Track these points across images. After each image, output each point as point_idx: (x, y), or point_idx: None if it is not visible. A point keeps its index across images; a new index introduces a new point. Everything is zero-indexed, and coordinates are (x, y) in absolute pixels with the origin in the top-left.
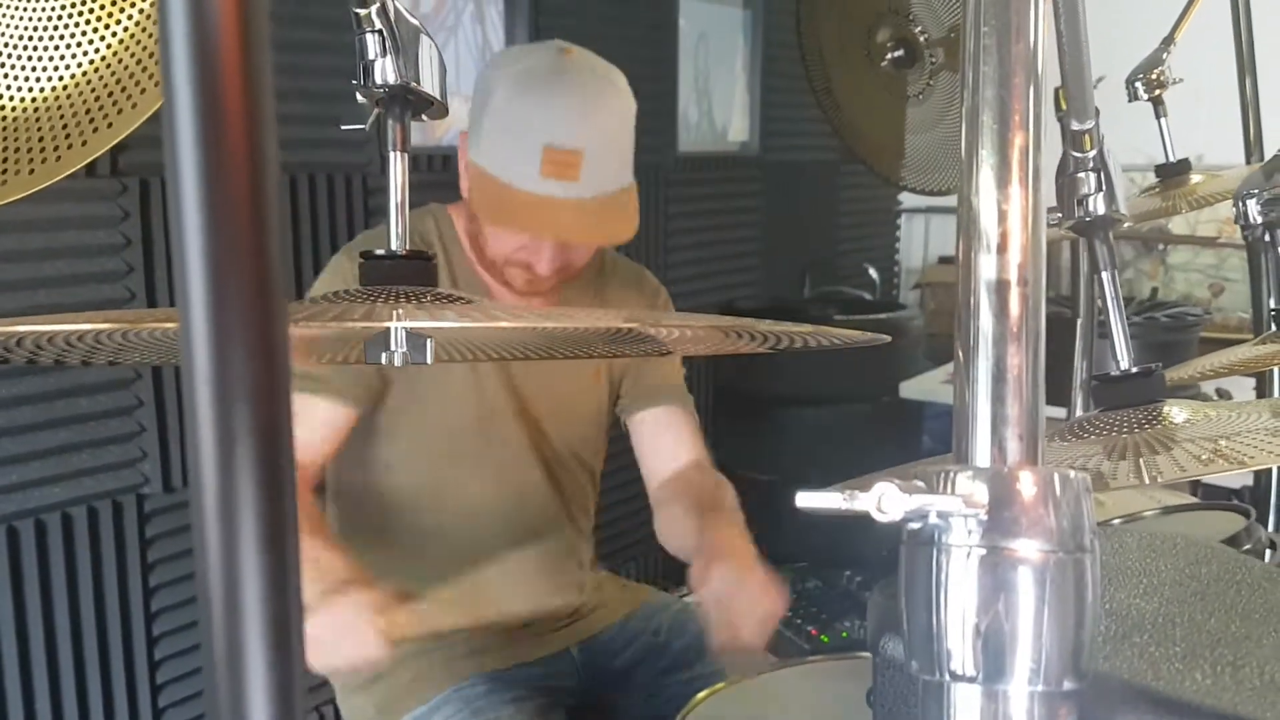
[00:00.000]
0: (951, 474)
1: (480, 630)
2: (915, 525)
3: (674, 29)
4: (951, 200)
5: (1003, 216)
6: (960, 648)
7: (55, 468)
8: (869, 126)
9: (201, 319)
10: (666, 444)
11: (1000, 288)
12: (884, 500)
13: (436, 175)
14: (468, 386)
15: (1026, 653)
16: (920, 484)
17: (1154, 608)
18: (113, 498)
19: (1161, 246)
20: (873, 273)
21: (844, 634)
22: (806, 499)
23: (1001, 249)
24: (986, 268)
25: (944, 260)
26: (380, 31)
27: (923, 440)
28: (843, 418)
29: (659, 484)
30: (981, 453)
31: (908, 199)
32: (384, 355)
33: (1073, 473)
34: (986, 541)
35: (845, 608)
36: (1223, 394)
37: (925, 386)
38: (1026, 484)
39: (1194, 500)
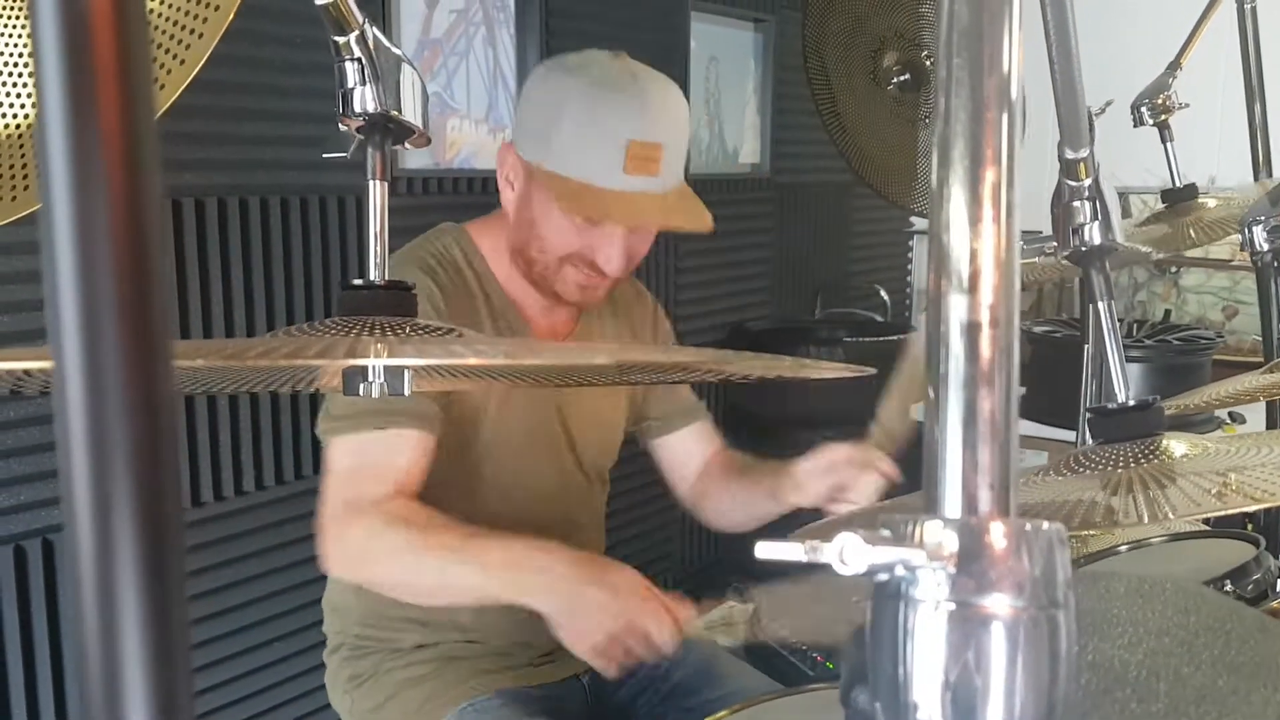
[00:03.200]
0: (919, 524)
1: (494, 652)
2: (882, 577)
3: (685, 51)
4: None
5: (974, 255)
6: (928, 706)
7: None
8: (876, 150)
9: (76, 372)
10: (694, 456)
11: (971, 329)
12: (846, 552)
13: (447, 197)
14: (525, 403)
15: (998, 713)
16: (886, 534)
17: (1138, 659)
18: None
19: (1174, 269)
20: (884, 294)
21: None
22: (766, 549)
23: (973, 289)
24: (957, 308)
25: None
26: (359, 59)
27: None
28: (853, 440)
29: (692, 480)
30: (951, 502)
31: (919, 220)
32: (362, 386)
33: (1046, 524)
34: (955, 596)
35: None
36: (1236, 418)
37: None
38: (997, 536)
39: (1203, 528)
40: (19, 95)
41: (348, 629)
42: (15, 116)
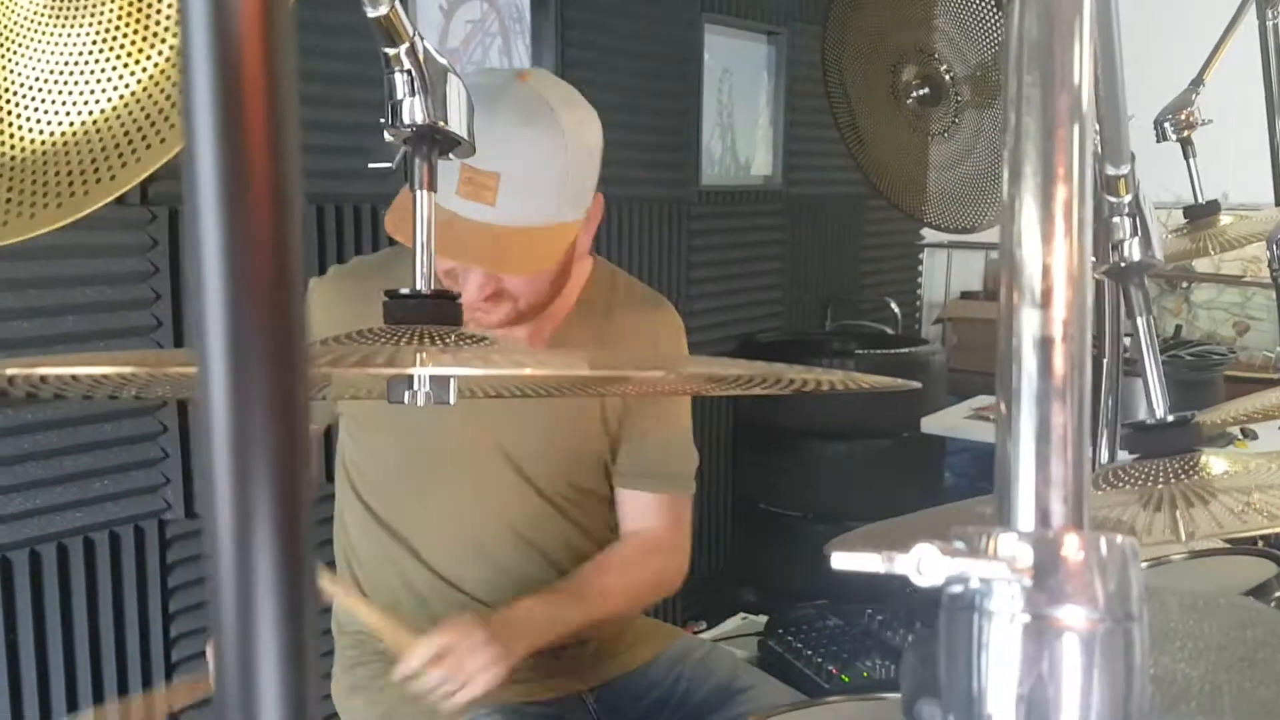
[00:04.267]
0: (994, 536)
1: None
2: (956, 589)
3: (699, 63)
4: (975, 236)
5: (1046, 271)
6: (1002, 716)
7: (78, 492)
8: (894, 164)
9: (221, 387)
10: (629, 522)
11: (1044, 344)
12: (924, 563)
13: None
14: (457, 418)
15: None
16: (961, 546)
17: (1200, 674)
18: (135, 523)
19: (1185, 284)
20: (894, 307)
21: (865, 673)
22: (842, 560)
23: (1045, 304)
24: (1030, 323)
25: (966, 295)
26: (409, 71)
27: (944, 475)
28: (865, 452)
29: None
30: (1025, 515)
31: (930, 233)
32: (407, 395)
33: (1120, 537)
34: (1030, 608)
35: (866, 646)
36: (1248, 433)
37: (947, 422)
38: (1072, 549)
39: (1222, 545)
40: (65, 104)
41: (344, 635)
42: (58, 125)
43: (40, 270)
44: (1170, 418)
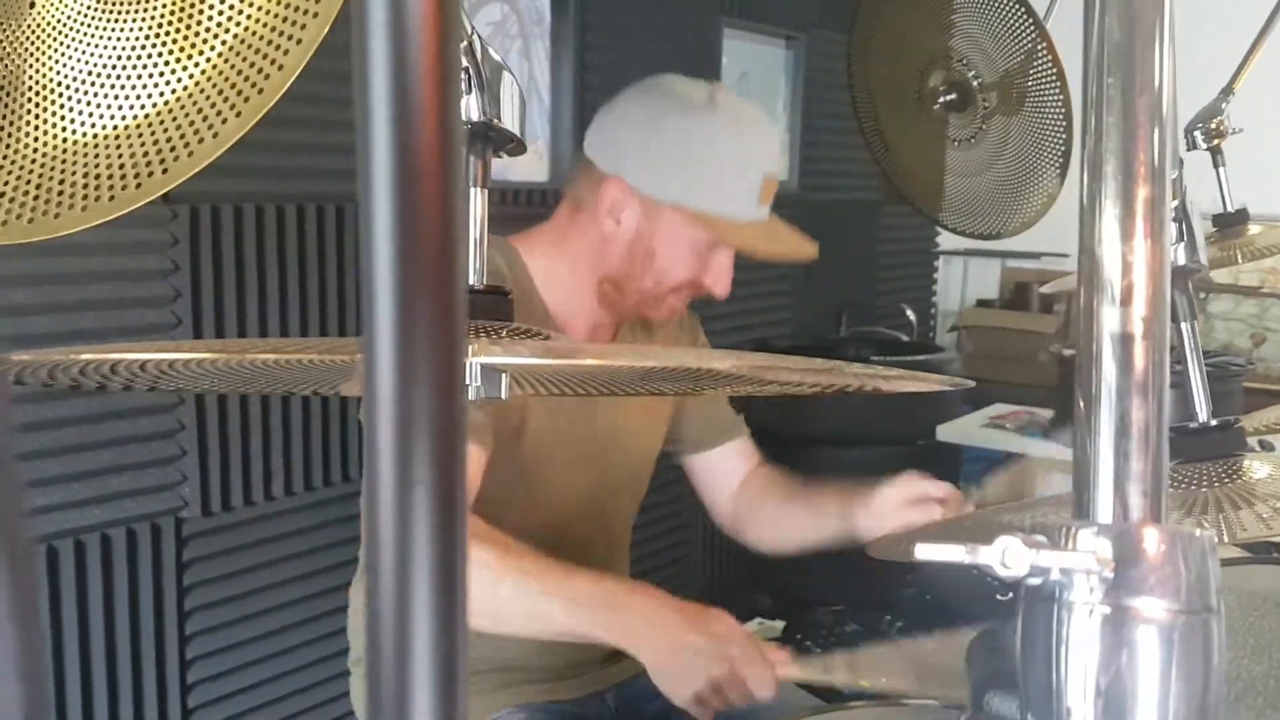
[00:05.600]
0: (1074, 530)
1: (518, 666)
2: (1035, 581)
3: (717, 67)
4: (992, 244)
5: (1127, 269)
6: (1081, 707)
7: (95, 489)
8: (919, 169)
9: (387, 364)
10: (732, 473)
11: (1124, 341)
12: (1008, 555)
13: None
14: (583, 416)
15: (1151, 715)
16: (1042, 539)
17: (1264, 670)
18: (151, 520)
19: (1202, 295)
20: (910, 314)
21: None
22: (927, 550)
23: (1125, 301)
24: (1110, 320)
25: (982, 303)
26: (466, 69)
27: (959, 484)
28: (879, 460)
29: (730, 498)
30: (1104, 508)
31: (946, 240)
32: None
33: (1198, 531)
34: (1111, 599)
35: None
36: (1265, 445)
37: (963, 430)
38: (1152, 541)
39: (1241, 554)
40: (116, 98)
41: (359, 636)
42: (110, 119)
43: (60, 266)
44: (1214, 421)
